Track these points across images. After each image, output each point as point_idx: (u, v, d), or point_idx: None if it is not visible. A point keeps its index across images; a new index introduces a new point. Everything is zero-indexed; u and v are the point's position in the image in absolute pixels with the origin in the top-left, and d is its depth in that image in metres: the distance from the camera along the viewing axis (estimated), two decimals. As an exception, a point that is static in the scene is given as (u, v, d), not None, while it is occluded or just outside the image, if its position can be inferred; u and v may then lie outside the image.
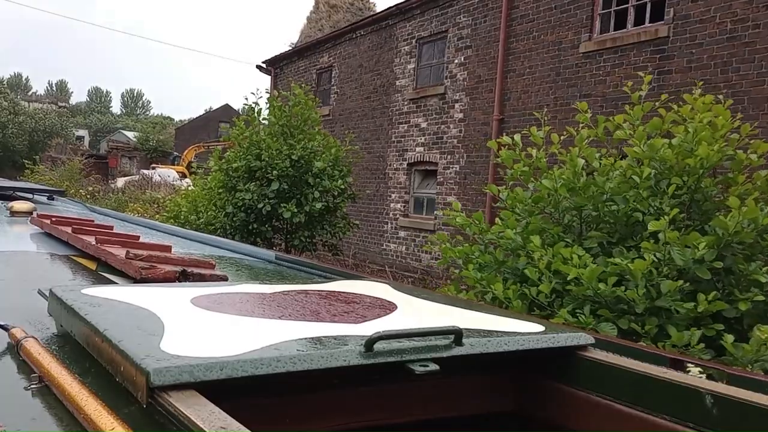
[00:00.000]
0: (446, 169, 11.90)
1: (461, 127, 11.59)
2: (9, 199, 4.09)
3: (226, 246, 3.19)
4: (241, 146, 8.65)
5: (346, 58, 15.53)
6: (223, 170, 8.69)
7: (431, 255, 11.85)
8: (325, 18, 31.42)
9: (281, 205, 8.18)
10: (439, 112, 12.15)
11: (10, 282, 1.93)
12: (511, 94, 10.50)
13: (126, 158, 42.93)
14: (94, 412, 0.87)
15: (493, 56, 10.85)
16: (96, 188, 22.59)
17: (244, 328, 1.25)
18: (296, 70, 18.02)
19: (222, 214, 8.54)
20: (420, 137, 12.67)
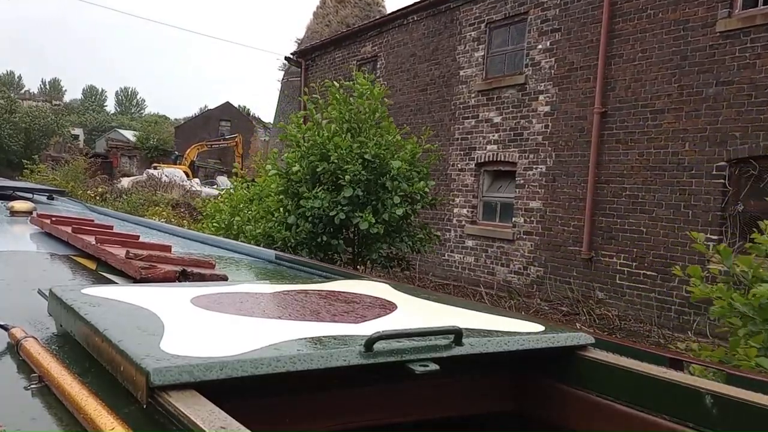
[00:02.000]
0: (528, 169, 10.43)
1: (548, 122, 10.14)
2: (9, 199, 4.09)
3: (226, 246, 3.19)
4: (300, 147, 7.45)
5: (395, 46, 14.00)
6: (281, 174, 7.51)
7: (509, 268, 10.71)
8: (333, 13, 31.24)
9: (356, 214, 6.89)
10: (518, 105, 10.67)
11: (10, 282, 1.93)
12: (617, 82, 9.10)
13: (126, 157, 42.73)
14: (94, 412, 0.87)
15: (591, 39, 9.46)
16: (104, 189, 22.06)
17: (244, 328, 1.25)
18: (331, 62, 16.57)
19: (282, 226, 7.23)
20: (492, 134, 11.18)
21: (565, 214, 9.83)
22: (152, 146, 43.36)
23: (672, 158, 8.41)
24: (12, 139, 45.03)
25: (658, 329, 8.21)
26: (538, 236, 10.21)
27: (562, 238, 9.84)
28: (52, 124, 48.34)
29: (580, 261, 9.55)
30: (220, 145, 40.17)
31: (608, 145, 9.22)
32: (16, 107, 47.75)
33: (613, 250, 9.10)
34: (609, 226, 9.19)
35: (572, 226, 9.70)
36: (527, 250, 10.40)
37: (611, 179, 9.18)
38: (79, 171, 22.52)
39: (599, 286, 9.28)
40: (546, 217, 10.10)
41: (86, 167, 24.00)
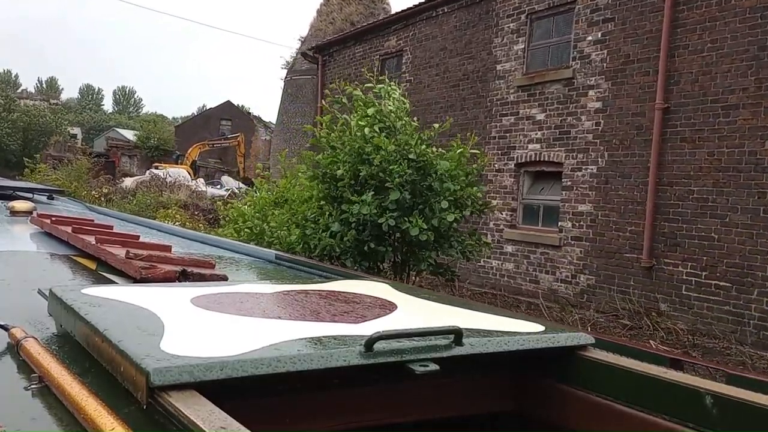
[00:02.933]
0: (576, 170, 9.58)
1: (599, 119, 9.32)
2: (9, 199, 4.09)
3: (226, 246, 3.19)
4: (336, 148, 6.79)
5: (423, 40, 13.02)
6: (319, 178, 6.84)
7: (555, 276, 9.82)
8: (337, 11, 31.11)
9: (405, 219, 6.25)
10: (564, 100, 9.81)
11: (10, 282, 1.93)
12: (682, 76, 8.28)
13: (126, 157, 42.56)
14: (94, 412, 0.87)
15: (650, 30, 8.64)
16: (109, 189, 21.56)
17: (244, 328, 1.25)
18: (351, 57, 15.56)
19: (326, 233, 6.54)
20: (534, 132, 10.30)
21: (620, 219, 9.00)
22: (153, 146, 43.03)
23: (749, 158, 7.67)
24: (10, 138, 44.42)
25: (737, 346, 7.44)
26: (589, 242, 9.44)
27: (617, 244, 9.06)
28: (51, 123, 47.74)
29: (639, 269, 8.74)
30: (222, 144, 39.94)
31: (671, 143, 8.44)
32: (14, 106, 47.17)
33: (679, 258, 8.30)
34: (673, 232, 8.39)
35: (629, 231, 8.91)
36: (576, 256, 9.60)
37: (675, 181, 8.38)
38: (82, 171, 21.98)
39: (662, 297, 8.48)
40: (598, 222, 9.31)
41: (89, 167, 23.45)
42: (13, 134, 44.86)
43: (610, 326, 8.42)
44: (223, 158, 42.33)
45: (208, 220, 17.84)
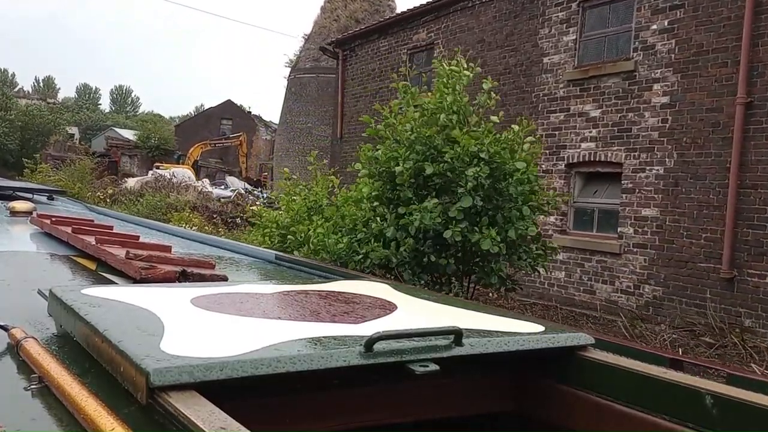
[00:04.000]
0: (639, 171, 8.74)
1: (666, 115, 8.45)
2: (9, 199, 4.09)
3: (226, 246, 3.19)
4: (399, 142, 5.89)
5: (457, 32, 12.06)
6: (375, 175, 5.97)
7: (614, 286, 8.97)
8: (341, 8, 30.89)
9: (475, 230, 5.36)
10: (624, 95, 8.96)
11: (10, 282, 1.93)
12: (767, 67, 7.46)
13: (126, 157, 42.32)
14: (94, 413, 0.87)
15: (728, 17, 7.82)
16: (114, 190, 21.12)
17: (244, 328, 1.25)
18: (375, 52, 14.68)
19: (379, 241, 5.67)
20: (588, 130, 9.43)
21: (693, 225, 8.14)
22: (153, 145, 42.72)
23: (842, 157, 6.93)
24: (8, 137, 43.52)
25: None
26: (655, 250, 8.59)
27: (689, 252, 8.19)
28: (49, 123, 47.05)
29: (717, 280, 7.87)
30: (224, 144, 39.73)
31: (756, 142, 7.61)
32: (12, 105, 46.38)
33: (765, 269, 7.50)
34: (758, 240, 7.54)
35: (703, 238, 8.08)
36: (639, 265, 8.74)
37: (760, 183, 7.55)
38: (85, 172, 21.46)
39: (746, 312, 7.63)
40: (665, 228, 8.46)
41: (93, 167, 23.00)
42: (10, 134, 44.01)
43: (691, 344, 7.51)
44: (224, 158, 42.23)
45: (226, 223, 17.31)
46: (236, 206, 20.39)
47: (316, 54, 31.03)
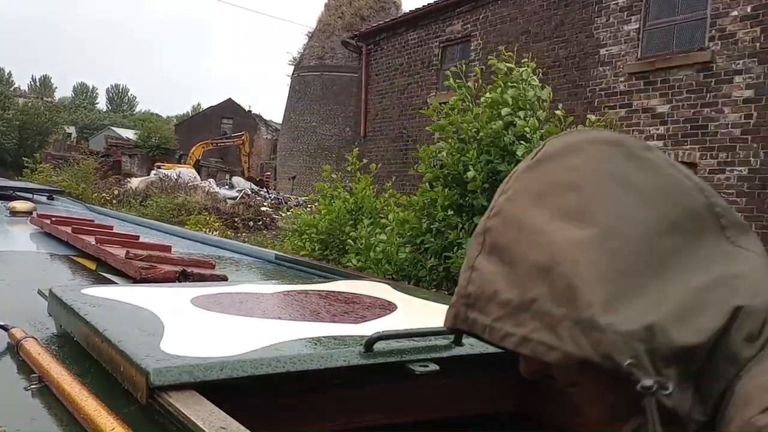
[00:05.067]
0: (718, 172, 7.98)
1: (750, 111, 7.67)
2: (9, 199, 4.10)
3: (226, 246, 3.19)
4: (464, 140, 5.29)
5: (498, 23, 11.30)
6: (441, 180, 5.32)
7: None
8: (346, 4, 30.63)
9: None
10: (698, 89, 8.22)
11: (10, 282, 1.93)
12: None
13: (126, 156, 41.99)
14: (93, 412, 0.87)
15: None
16: (120, 191, 20.39)
17: (244, 328, 1.25)
18: (403, 45, 13.90)
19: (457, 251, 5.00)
20: (655, 127, 8.71)
21: None
22: (154, 145, 42.35)
23: None
24: (5, 137, 42.40)
25: None
26: None
27: None
28: (47, 122, 46.08)
29: None
30: (226, 143, 39.33)
31: None
32: (10, 103, 45.29)
33: None
34: None
35: None
36: None
37: None
38: (89, 172, 20.68)
39: None
40: None
41: (96, 167, 22.19)
42: (8, 133, 42.88)
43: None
44: (224, 157, 42.11)
45: (248, 227, 16.62)
46: (247, 207, 19.68)
47: (320, 51, 30.85)
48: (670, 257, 0.52)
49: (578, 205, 0.54)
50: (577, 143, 0.59)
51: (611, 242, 0.52)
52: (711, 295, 0.51)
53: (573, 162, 0.57)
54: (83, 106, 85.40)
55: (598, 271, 0.51)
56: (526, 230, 0.55)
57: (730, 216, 0.56)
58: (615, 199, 0.54)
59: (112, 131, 55.27)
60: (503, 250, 0.57)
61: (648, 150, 0.58)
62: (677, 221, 0.54)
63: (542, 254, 0.53)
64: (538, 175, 0.59)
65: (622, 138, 0.59)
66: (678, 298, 0.50)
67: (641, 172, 0.56)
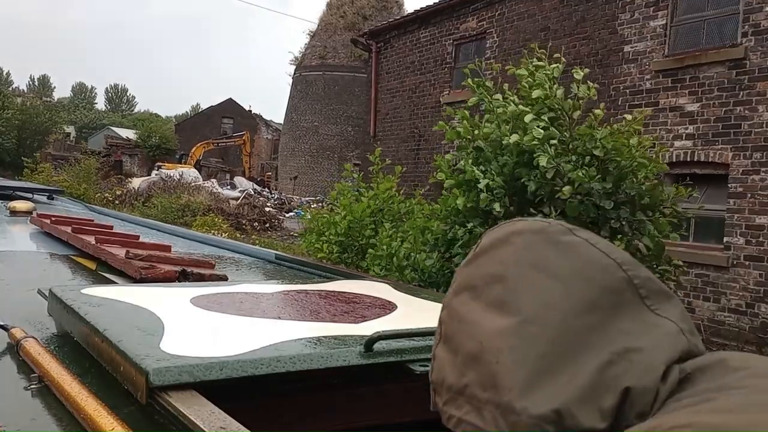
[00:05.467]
0: (752, 173, 7.59)
1: None
2: (9, 199, 4.10)
3: (226, 246, 3.19)
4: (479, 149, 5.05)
5: (515, 19, 10.92)
6: (462, 185, 5.06)
7: (720, 305, 7.79)
8: (348, 4, 30.55)
9: None
10: (730, 86, 7.85)
11: (10, 282, 1.93)
12: None
13: (126, 156, 41.85)
14: (93, 412, 0.87)
15: None
16: (123, 191, 20.16)
17: (244, 328, 1.25)
18: (414, 43, 13.57)
19: None
20: (684, 126, 8.36)
21: None
22: (154, 144, 42.07)
23: None
24: (4, 136, 41.98)
25: None
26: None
27: None
28: (46, 121, 45.38)
29: None
30: (227, 143, 39.13)
31: None
32: (9, 103, 44.51)
33: None
34: None
35: None
36: (753, 281, 7.52)
37: None
38: (90, 172, 20.46)
39: None
40: None
41: (98, 167, 22.06)
42: (7, 132, 42.38)
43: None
44: (224, 157, 42.05)
45: (253, 228, 16.22)
46: (252, 208, 19.48)
47: (322, 51, 30.78)
48: (587, 336, 0.55)
49: (503, 295, 0.59)
50: (503, 236, 0.64)
51: (530, 328, 0.56)
52: (611, 374, 0.54)
53: (501, 255, 0.63)
54: (82, 105, 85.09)
55: (516, 357, 0.55)
56: (464, 322, 0.61)
57: (650, 285, 0.59)
58: (535, 286, 0.58)
59: (111, 131, 54.95)
60: (450, 340, 0.63)
61: (568, 233, 0.62)
62: (595, 299, 0.57)
63: (473, 344, 0.58)
64: (474, 269, 0.65)
65: (544, 226, 0.63)
66: (585, 379, 0.53)
67: (560, 257, 0.60)
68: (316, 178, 29.97)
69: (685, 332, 0.58)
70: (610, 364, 0.54)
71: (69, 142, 44.09)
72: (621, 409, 0.53)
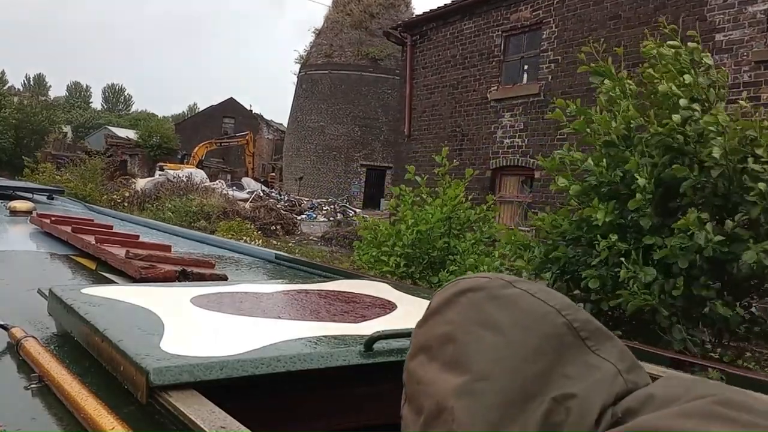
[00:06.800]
0: None
1: None
2: (9, 199, 4.10)
3: (226, 245, 3.19)
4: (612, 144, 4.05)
5: (578, 8, 9.98)
6: (590, 191, 4.09)
7: None
8: (355, 1, 30.32)
9: None
10: None
11: (10, 282, 1.93)
12: None
13: (127, 156, 41.69)
14: (93, 412, 0.87)
15: None
16: (131, 193, 19.51)
17: (243, 327, 1.25)
18: (456, 35, 12.63)
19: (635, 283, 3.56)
20: None
21: None
22: (155, 144, 41.71)
23: None
24: (1, 136, 41.63)
25: None
26: None
27: None
28: (44, 120, 44.97)
29: None
30: (230, 143, 38.74)
31: None
32: (5, 102, 44.35)
33: None
34: None
35: None
36: None
37: None
38: (96, 172, 20.03)
39: None
40: None
41: (104, 167, 21.59)
42: (4, 132, 41.99)
43: None
44: (225, 157, 41.93)
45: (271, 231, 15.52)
46: (269, 211, 18.71)
47: (328, 50, 30.54)
48: (533, 384, 0.57)
49: (455, 355, 0.61)
50: (450, 296, 0.67)
51: (480, 384, 0.58)
52: (552, 421, 0.55)
53: (449, 315, 0.65)
54: (77, 105, 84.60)
55: (469, 413, 0.57)
56: (422, 383, 0.63)
57: (589, 327, 0.61)
58: (482, 343, 0.60)
59: (109, 131, 54.61)
60: (412, 401, 0.65)
61: (508, 287, 0.65)
62: (538, 347, 0.59)
63: (432, 403, 0.60)
64: (427, 330, 0.67)
65: (485, 282, 0.66)
66: (533, 429, 0.55)
67: (501, 311, 0.62)
68: (322, 179, 29.77)
69: (622, 373, 0.59)
70: (551, 412, 0.55)
71: (68, 142, 43.87)
72: None
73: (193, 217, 15.31)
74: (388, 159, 28.48)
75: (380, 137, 29.42)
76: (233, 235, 11.29)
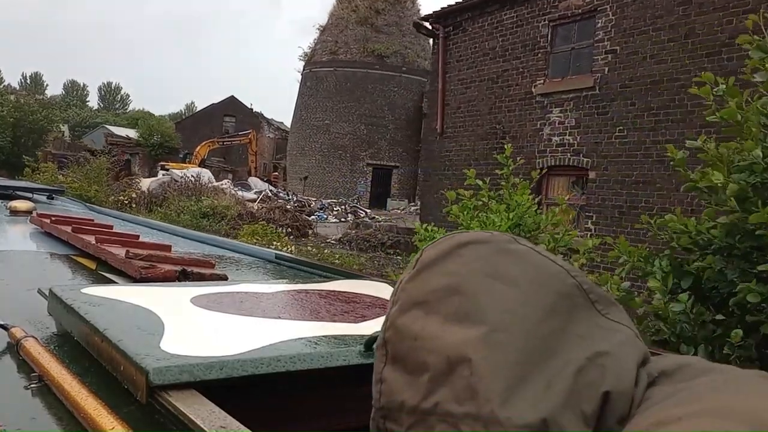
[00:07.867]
0: None
1: None
2: (9, 198, 4.10)
3: (226, 245, 3.19)
4: None
5: None
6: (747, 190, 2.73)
7: None
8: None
9: None
10: None
11: (10, 282, 1.93)
12: None
13: (127, 155, 41.50)
14: (93, 412, 0.87)
15: None
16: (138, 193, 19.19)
17: (244, 327, 1.25)
18: (495, 26, 11.81)
19: None
20: None
21: None
22: (156, 143, 41.32)
23: None
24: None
25: None
26: None
27: None
28: (42, 119, 44.23)
29: None
30: (233, 142, 38.25)
31: None
32: (3, 100, 43.59)
33: None
34: None
35: None
36: None
37: None
38: (101, 172, 19.46)
39: None
40: None
41: (108, 167, 21.12)
42: (1, 131, 41.23)
43: None
44: (226, 156, 41.83)
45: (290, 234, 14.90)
46: (284, 212, 18.07)
47: (333, 46, 30.23)
48: (552, 341, 0.55)
49: (463, 306, 0.58)
50: (448, 249, 0.63)
51: (499, 336, 0.55)
52: (587, 379, 0.53)
53: (450, 267, 0.61)
54: (74, 104, 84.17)
55: (491, 367, 0.53)
56: (420, 338, 0.59)
57: (597, 291, 0.60)
58: (495, 295, 0.58)
59: (107, 129, 54.30)
60: (404, 359, 0.60)
61: (514, 242, 0.63)
62: (553, 305, 0.57)
63: (439, 359, 0.56)
64: (421, 284, 0.63)
65: (488, 236, 0.63)
66: (562, 384, 0.53)
67: (513, 265, 0.60)
68: (328, 179, 29.53)
69: (638, 337, 0.59)
70: (585, 368, 0.54)
71: (67, 141, 43.73)
72: (602, 415, 0.52)
73: (214, 218, 14.64)
74: (395, 158, 28.30)
75: (386, 136, 29.19)
76: (258, 240, 10.62)
